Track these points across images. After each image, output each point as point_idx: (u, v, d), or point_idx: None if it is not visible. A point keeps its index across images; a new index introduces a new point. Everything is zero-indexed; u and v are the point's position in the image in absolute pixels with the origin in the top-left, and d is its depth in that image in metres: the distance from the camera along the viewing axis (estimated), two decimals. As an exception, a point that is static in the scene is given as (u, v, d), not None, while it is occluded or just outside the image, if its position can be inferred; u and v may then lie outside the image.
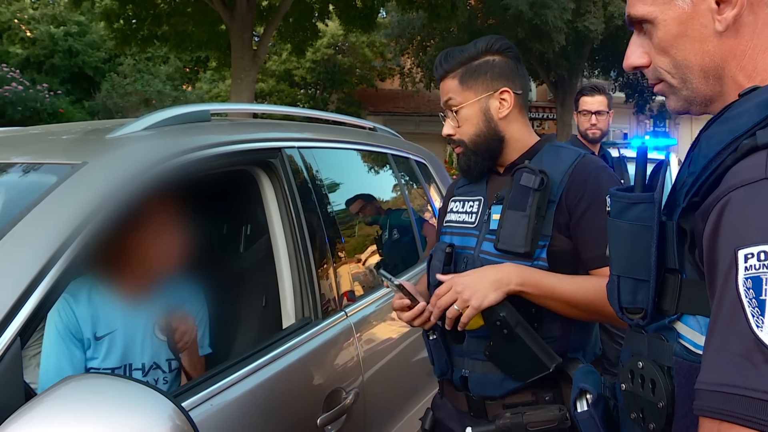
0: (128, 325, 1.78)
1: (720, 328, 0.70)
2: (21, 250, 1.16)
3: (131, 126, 1.61)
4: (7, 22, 18.62)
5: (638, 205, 0.90)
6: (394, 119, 20.92)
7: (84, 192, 1.29)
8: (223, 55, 14.07)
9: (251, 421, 1.53)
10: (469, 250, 1.64)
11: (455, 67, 1.65)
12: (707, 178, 0.78)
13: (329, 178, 2.36)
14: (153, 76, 19.07)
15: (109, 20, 13.17)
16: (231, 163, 1.83)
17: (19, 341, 1.07)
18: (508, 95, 1.62)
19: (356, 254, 2.52)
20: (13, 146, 1.80)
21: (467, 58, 1.64)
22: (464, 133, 1.65)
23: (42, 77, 17.27)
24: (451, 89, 1.65)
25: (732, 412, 0.66)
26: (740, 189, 0.72)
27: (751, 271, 0.68)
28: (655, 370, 0.88)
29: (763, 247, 0.68)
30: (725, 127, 0.79)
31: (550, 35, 14.46)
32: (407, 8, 13.42)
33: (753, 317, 0.67)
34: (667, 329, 0.88)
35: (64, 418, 0.95)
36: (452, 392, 1.71)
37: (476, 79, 1.62)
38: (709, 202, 0.76)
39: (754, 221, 0.70)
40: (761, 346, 0.66)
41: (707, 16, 0.85)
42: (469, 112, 1.63)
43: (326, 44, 20.13)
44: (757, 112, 0.76)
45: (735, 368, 0.67)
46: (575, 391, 1.09)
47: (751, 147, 0.74)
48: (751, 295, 0.68)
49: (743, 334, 0.67)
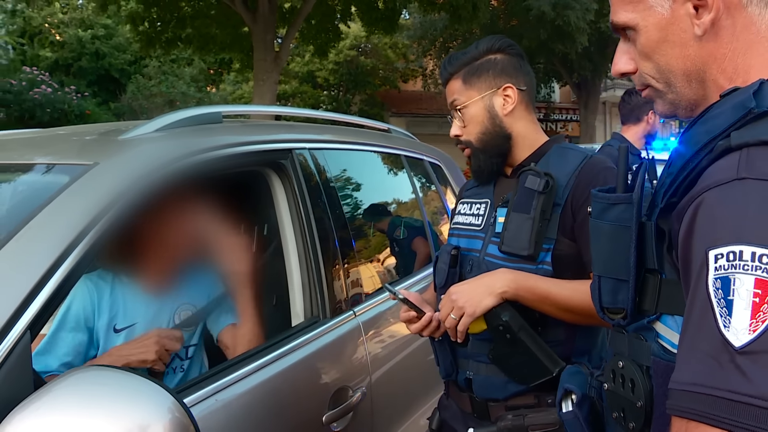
0: (148, 318, 1.81)
1: (691, 328, 0.71)
2: (32, 247, 1.20)
3: (143, 127, 1.65)
4: (39, 26, 18.99)
5: (617, 205, 0.92)
6: (417, 121, 20.91)
7: (94, 191, 1.33)
8: (246, 57, 14.20)
9: (256, 416, 1.56)
10: (475, 252, 1.65)
11: (458, 69, 1.67)
12: (684, 178, 0.79)
13: (340, 178, 2.39)
14: (177, 78, 19.30)
15: (134, 23, 13.37)
16: (242, 164, 1.87)
17: (29, 334, 1.11)
18: (512, 91, 1.63)
19: (367, 254, 2.55)
20: (33, 147, 1.85)
21: (470, 58, 1.66)
22: (470, 132, 1.66)
23: (70, 80, 17.60)
24: (455, 90, 1.67)
25: (699, 411, 0.67)
26: (713, 190, 0.73)
27: (720, 271, 0.69)
28: (635, 369, 0.90)
29: (732, 248, 0.68)
30: (703, 128, 0.79)
31: (572, 36, 14.38)
32: (429, 9, 13.44)
33: (721, 317, 0.68)
34: (646, 329, 0.90)
35: (68, 407, 0.99)
36: (457, 393, 1.72)
37: (479, 78, 1.64)
38: (684, 202, 0.77)
39: (725, 222, 0.70)
40: (727, 345, 0.66)
41: (686, 21, 0.86)
42: (473, 111, 1.65)
43: (349, 46, 20.19)
44: (732, 113, 0.76)
45: (704, 368, 0.68)
46: (560, 391, 1.11)
47: (726, 148, 0.75)
48: (720, 295, 0.68)
49: (712, 334, 0.68)
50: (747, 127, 0.75)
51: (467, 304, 1.50)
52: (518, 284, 1.49)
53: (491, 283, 1.50)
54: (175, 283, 1.90)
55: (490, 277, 1.52)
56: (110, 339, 1.76)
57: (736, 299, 0.67)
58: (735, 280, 0.68)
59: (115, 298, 1.79)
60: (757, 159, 0.71)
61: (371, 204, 2.85)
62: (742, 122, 0.75)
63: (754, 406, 0.63)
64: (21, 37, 18.61)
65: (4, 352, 1.06)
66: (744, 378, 0.64)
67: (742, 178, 0.71)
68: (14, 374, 1.07)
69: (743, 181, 0.70)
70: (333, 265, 2.04)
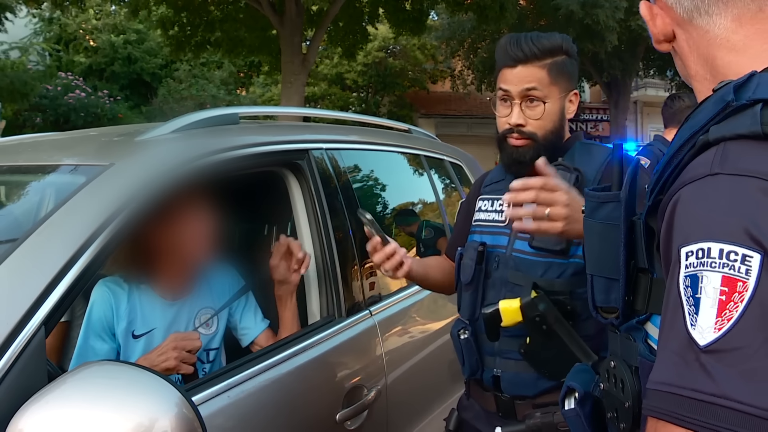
0: (166, 323, 1.82)
1: (665, 328, 0.71)
2: (47, 246, 1.24)
3: (160, 129, 1.69)
4: (73, 33, 19.41)
5: (607, 204, 0.92)
6: (446, 122, 20.87)
7: (109, 191, 1.37)
8: (274, 59, 14.33)
9: (268, 413, 1.58)
10: (501, 248, 1.64)
11: (544, 56, 1.60)
12: (669, 175, 0.79)
13: (358, 178, 2.40)
14: (208, 81, 19.56)
15: (165, 28, 13.59)
16: (258, 164, 1.89)
17: (44, 330, 1.14)
18: (575, 98, 1.66)
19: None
20: (57, 149, 1.90)
21: (554, 49, 1.61)
22: (541, 127, 1.61)
23: (103, 84, 17.97)
24: (537, 78, 1.59)
25: (666, 411, 0.67)
26: (688, 186, 0.72)
27: (690, 269, 0.68)
28: (624, 369, 0.89)
29: (701, 245, 0.67)
30: (689, 124, 0.79)
31: (602, 35, 14.19)
32: (456, 10, 13.41)
33: (689, 315, 0.67)
34: (636, 329, 0.89)
35: (77, 400, 1.03)
36: (480, 393, 1.71)
37: (562, 76, 1.62)
38: (665, 199, 0.76)
39: (696, 218, 0.70)
40: (693, 344, 0.66)
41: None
42: (552, 108, 1.61)
43: (377, 47, 20.23)
44: (713, 107, 0.75)
45: (672, 367, 0.68)
46: (564, 389, 1.10)
47: (704, 143, 0.74)
48: (689, 293, 0.68)
49: (680, 332, 0.67)
50: (725, 121, 0.74)
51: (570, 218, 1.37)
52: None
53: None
54: (193, 286, 1.91)
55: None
56: (129, 345, 1.78)
57: (703, 297, 0.66)
58: (703, 278, 0.67)
59: (132, 304, 1.80)
60: (731, 153, 0.70)
61: (402, 209, 2.86)
62: (721, 116, 0.74)
63: (717, 405, 0.62)
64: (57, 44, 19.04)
65: (20, 346, 1.10)
66: (708, 377, 0.64)
67: (715, 174, 0.70)
68: (30, 367, 1.11)
69: (716, 177, 0.70)
70: (350, 264, 2.06)
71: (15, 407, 1.03)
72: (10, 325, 1.10)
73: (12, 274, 1.18)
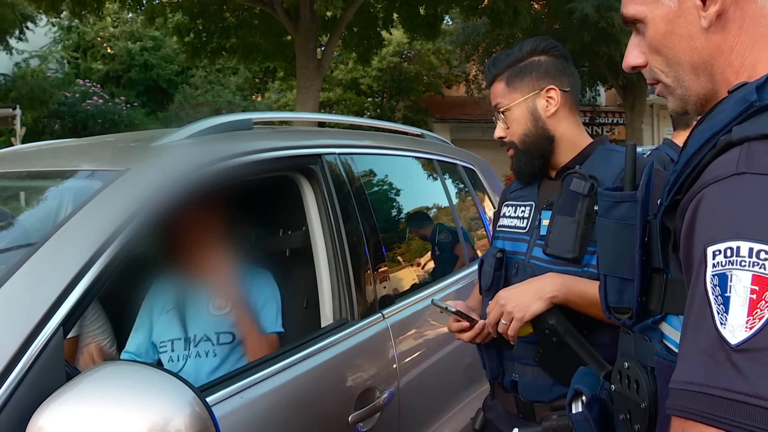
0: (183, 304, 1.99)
1: (690, 327, 0.70)
2: (65, 249, 1.27)
3: (174, 135, 1.72)
4: (91, 40, 19.66)
5: (622, 204, 0.92)
6: (461, 126, 20.84)
7: (125, 196, 1.40)
8: (290, 65, 14.43)
9: (281, 414, 1.60)
10: (520, 255, 1.66)
11: (502, 71, 1.67)
12: (688, 175, 0.78)
13: (370, 183, 2.42)
14: (223, 87, 19.72)
15: (180, 34, 13.74)
16: (271, 169, 1.92)
17: (62, 331, 1.17)
18: (555, 93, 1.62)
19: (398, 258, 2.57)
20: (77, 155, 1.94)
21: (513, 60, 1.66)
22: (513, 133, 1.66)
23: (120, 90, 18.19)
24: (498, 92, 1.68)
25: (696, 411, 0.66)
26: (712, 185, 0.72)
27: (718, 267, 0.68)
28: (639, 370, 0.89)
29: (729, 244, 0.67)
30: (708, 124, 0.78)
31: (617, 38, 14.13)
32: (470, 15, 13.42)
33: (718, 314, 0.67)
34: (651, 329, 0.89)
35: (94, 399, 1.05)
36: (502, 394, 1.73)
37: (522, 80, 1.64)
38: (686, 199, 0.76)
39: (723, 218, 0.70)
40: (723, 343, 0.65)
41: (693, 13, 0.85)
42: (516, 113, 1.65)
43: (392, 52, 20.28)
44: (734, 107, 0.75)
45: (701, 366, 0.67)
46: (570, 392, 1.10)
47: (727, 143, 0.74)
48: (717, 292, 0.67)
49: (709, 331, 0.67)
50: (749, 121, 0.74)
51: (516, 309, 1.49)
52: (568, 289, 1.48)
53: (540, 287, 1.50)
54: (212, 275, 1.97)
55: (539, 282, 1.52)
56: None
57: (733, 296, 0.66)
58: (732, 277, 0.67)
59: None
60: (757, 153, 0.70)
61: (415, 212, 2.87)
62: (744, 116, 0.74)
63: (750, 405, 0.62)
64: (75, 52, 19.30)
65: (39, 346, 1.12)
66: (740, 376, 0.63)
67: (741, 173, 0.70)
68: (48, 367, 1.13)
69: (742, 176, 0.70)
70: (363, 268, 2.07)
71: (35, 405, 1.06)
72: (30, 325, 1.13)
73: (31, 276, 1.21)
